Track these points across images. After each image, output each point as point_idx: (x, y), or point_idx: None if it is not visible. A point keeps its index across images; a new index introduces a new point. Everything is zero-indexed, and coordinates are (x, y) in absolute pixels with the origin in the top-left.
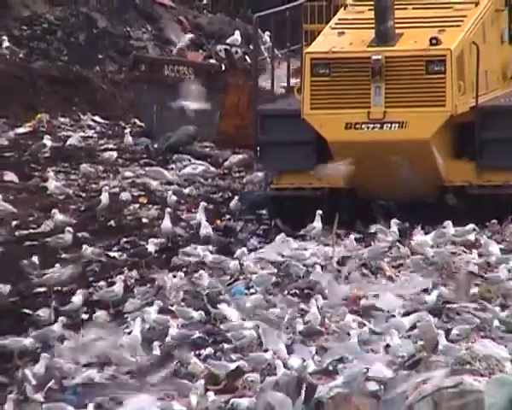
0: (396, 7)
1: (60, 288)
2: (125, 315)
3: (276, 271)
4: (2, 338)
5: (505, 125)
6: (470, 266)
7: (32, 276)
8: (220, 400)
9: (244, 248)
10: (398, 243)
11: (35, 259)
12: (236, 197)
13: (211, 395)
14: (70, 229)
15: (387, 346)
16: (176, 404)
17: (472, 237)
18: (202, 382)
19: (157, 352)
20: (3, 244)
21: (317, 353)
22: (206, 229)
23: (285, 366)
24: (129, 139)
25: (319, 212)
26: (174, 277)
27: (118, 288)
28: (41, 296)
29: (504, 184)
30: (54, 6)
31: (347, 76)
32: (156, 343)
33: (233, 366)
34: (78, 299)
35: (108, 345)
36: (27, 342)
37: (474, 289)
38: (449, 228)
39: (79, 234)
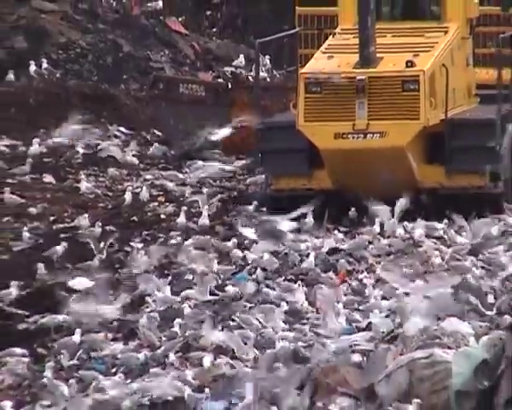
0: (377, 35)
1: None
2: (146, 297)
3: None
4: (41, 316)
5: (470, 136)
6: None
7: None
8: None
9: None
10: (378, 236)
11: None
12: (255, 202)
13: (220, 365)
14: (99, 223)
15: (370, 323)
16: (189, 372)
17: (441, 230)
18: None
19: (176, 328)
20: (43, 236)
21: (310, 329)
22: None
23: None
24: (155, 149)
25: (311, 208)
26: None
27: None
28: None
29: (469, 186)
30: (85, 33)
31: (336, 93)
32: (177, 321)
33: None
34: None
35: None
36: (61, 318)
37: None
38: (422, 223)
39: (107, 227)
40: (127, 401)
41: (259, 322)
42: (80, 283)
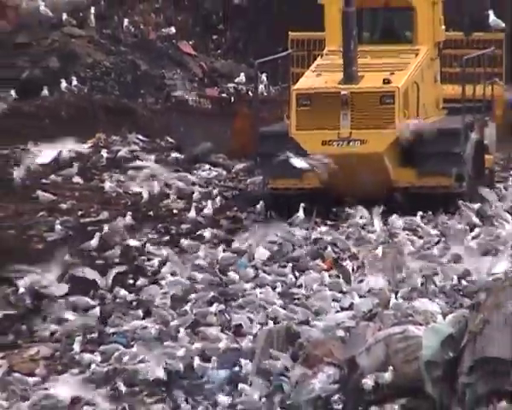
0: (358, 56)
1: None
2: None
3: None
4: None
5: (438, 143)
6: (409, 246)
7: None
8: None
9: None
10: (359, 228)
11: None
12: (262, 202)
13: (223, 339)
14: (121, 218)
15: (352, 304)
16: (198, 345)
17: (414, 224)
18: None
19: (187, 307)
20: (72, 229)
21: (299, 307)
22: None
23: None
24: (173, 155)
25: (302, 205)
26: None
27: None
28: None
29: (437, 185)
30: (109, 55)
31: (323, 106)
32: (190, 302)
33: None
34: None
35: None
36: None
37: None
38: (398, 218)
39: (128, 221)
40: (144, 367)
41: (259, 302)
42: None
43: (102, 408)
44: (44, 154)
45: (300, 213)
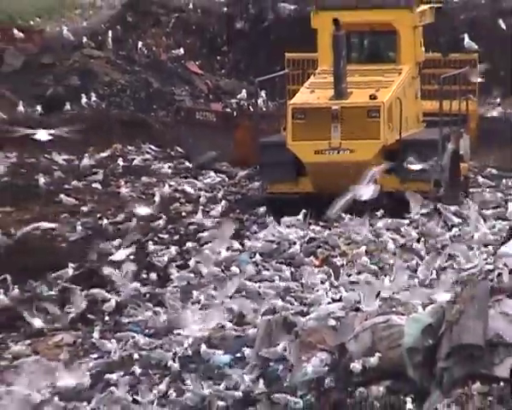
0: (348, 75)
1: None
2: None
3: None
4: (91, 290)
5: (418, 152)
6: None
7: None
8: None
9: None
10: (351, 232)
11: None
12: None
13: (227, 325)
14: (134, 220)
15: (341, 296)
16: (203, 332)
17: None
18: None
19: (194, 299)
20: (92, 229)
21: (295, 299)
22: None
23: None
24: (186, 163)
25: (304, 211)
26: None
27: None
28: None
29: (418, 191)
30: (124, 74)
31: (316, 119)
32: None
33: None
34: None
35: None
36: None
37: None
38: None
39: (141, 222)
40: (156, 353)
41: (260, 293)
42: (119, 254)
43: (119, 390)
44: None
45: (300, 217)
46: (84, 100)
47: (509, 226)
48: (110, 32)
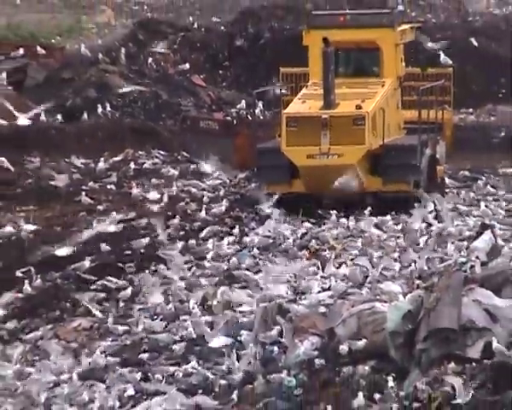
0: (336, 87)
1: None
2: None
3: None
4: (105, 280)
5: (399, 156)
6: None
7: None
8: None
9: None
10: (339, 228)
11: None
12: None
13: (228, 313)
14: (145, 217)
15: (330, 286)
16: (206, 318)
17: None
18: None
19: (198, 288)
20: (107, 232)
21: (288, 288)
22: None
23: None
24: (204, 167)
25: (301, 210)
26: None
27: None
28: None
29: (399, 191)
30: (136, 86)
31: (307, 127)
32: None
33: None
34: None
35: None
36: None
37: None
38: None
39: (151, 219)
40: (164, 337)
41: (258, 283)
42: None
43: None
44: None
45: (300, 216)
46: (99, 110)
47: (481, 223)
48: (123, 49)
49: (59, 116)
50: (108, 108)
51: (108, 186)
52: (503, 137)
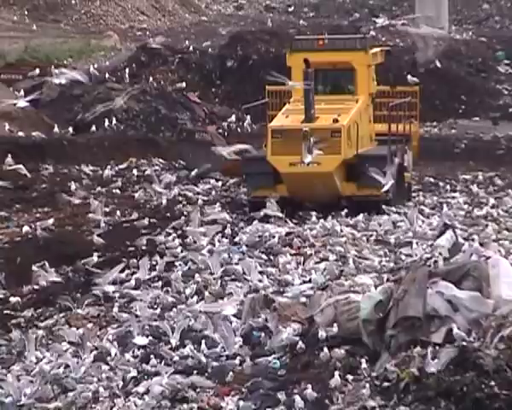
0: (315, 103)
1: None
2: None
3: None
4: (112, 273)
5: (371, 164)
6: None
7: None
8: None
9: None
10: (318, 228)
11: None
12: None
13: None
14: (146, 218)
15: (310, 279)
16: (202, 307)
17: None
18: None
19: (194, 280)
20: (115, 226)
21: (273, 280)
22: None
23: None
24: (184, 173)
25: (284, 212)
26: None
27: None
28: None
29: (371, 195)
30: (138, 102)
31: (290, 138)
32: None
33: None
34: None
35: None
36: (124, 275)
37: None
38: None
39: (152, 220)
40: (165, 323)
41: (245, 276)
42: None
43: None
44: None
45: (283, 215)
46: (106, 123)
47: (443, 223)
48: (127, 70)
49: (70, 128)
50: (114, 122)
51: (114, 190)
52: (463, 148)
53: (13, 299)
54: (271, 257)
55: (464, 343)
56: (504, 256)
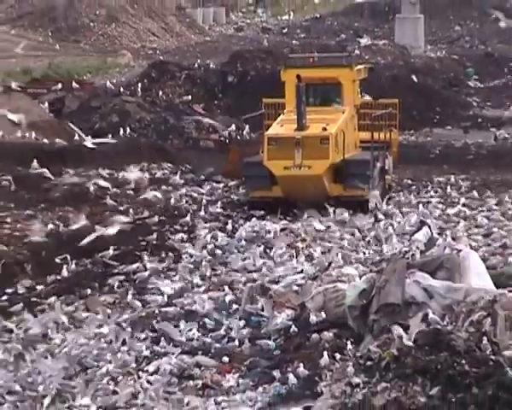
0: (306, 114)
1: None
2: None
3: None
4: (126, 265)
5: (356, 168)
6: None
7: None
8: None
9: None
10: (309, 224)
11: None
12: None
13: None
14: (156, 216)
15: (302, 269)
16: (207, 294)
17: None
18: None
19: (200, 270)
20: (127, 223)
21: (269, 271)
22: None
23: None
24: (203, 176)
25: (279, 210)
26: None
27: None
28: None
29: (356, 195)
30: (149, 113)
31: (284, 145)
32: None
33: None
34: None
35: None
36: (135, 266)
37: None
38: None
39: (161, 217)
40: (173, 309)
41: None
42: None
43: (145, 336)
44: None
45: (278, 214)
46: (121, 132)
47: (420, 220)
48: (140, 84)
49: (89, 137)
50: (128, 131)
51: (128, 191)
52: (437, 154)
53: (38, 287)
54: (267, 250)
55: (438, 327)
56: (474, 249)
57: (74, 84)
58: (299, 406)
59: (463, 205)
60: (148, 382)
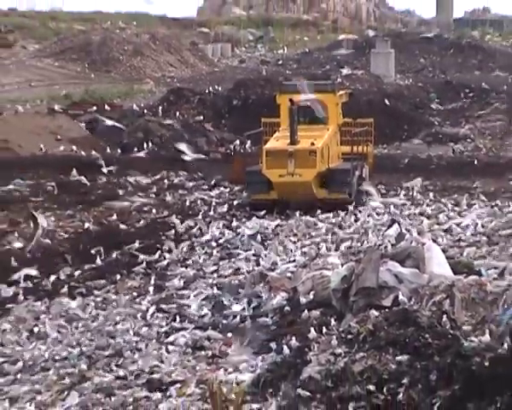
0: (298, 131)
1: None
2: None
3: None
4: (149, 256)
5: (339, 175)
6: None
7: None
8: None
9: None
10: (300, 222)
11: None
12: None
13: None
14: (174, 215)
15: (294, 259)
16: (216, 280)
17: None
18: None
19: (210, 260)
20: (152, 221)
21: (267, 261)
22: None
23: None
24: (212, 182)
25: (275, 210)
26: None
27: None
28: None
29: (338, 198)
30: (169, 131)
31: (279, 156)
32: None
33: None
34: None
35: None
36: (157, 256)
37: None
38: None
39: (178, 216)
40: (186, 293)
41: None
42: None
43: (164, 314)
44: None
45: (274, 214)
46: (145, 146)
47: (391, 219)
48: (160, 107)
49: (118, 150)
50: (151, 145)
51: (151, 195)
52: (405, 163)
53: (76, 273)
54: (265, 243)
55: (406, 306)
56: (436, 243)
57: (106, 106)
58: (291, 372)
59: (427, 206)
60: (167, 351)
